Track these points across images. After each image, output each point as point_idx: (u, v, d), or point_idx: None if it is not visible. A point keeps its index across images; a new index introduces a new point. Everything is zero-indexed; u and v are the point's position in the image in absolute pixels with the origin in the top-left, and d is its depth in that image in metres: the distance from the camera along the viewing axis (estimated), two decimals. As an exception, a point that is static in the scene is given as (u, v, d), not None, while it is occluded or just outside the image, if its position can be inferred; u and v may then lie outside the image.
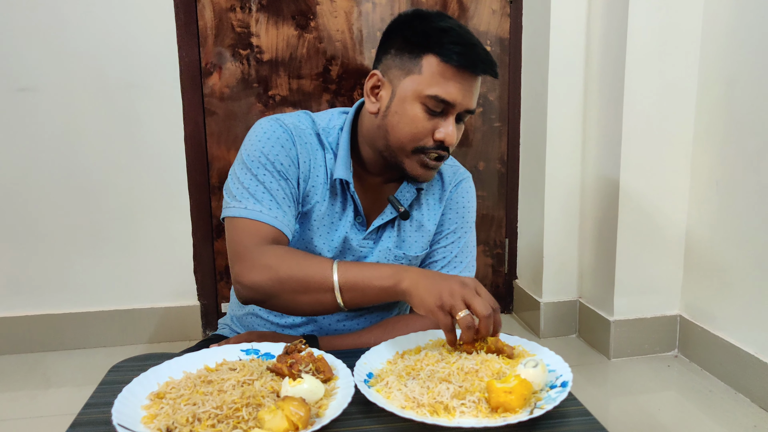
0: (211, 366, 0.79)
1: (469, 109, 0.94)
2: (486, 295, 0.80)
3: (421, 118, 0.92)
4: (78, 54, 2.00)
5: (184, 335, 2.20)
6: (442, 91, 0.90)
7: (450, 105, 0.91)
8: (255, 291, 0.90)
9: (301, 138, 0.99)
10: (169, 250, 2.16)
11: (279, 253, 0.90)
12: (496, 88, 2.31)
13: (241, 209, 0.94)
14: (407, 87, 0.92)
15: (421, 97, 0.91)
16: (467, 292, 0.78)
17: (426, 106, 0.91)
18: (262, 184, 0.94)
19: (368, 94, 0.98)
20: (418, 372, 0.76)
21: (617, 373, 1.93)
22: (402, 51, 0.93)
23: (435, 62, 0.90)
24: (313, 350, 0.79)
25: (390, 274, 0.85)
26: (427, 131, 0.92)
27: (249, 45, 2.12)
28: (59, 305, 2.13)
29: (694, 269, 1.96)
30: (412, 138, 0.93)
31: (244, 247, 0.91)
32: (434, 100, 0.90)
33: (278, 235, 0.93)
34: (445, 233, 1.08)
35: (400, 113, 0.93)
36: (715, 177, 1.84)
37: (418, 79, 0.91)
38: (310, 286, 0.87)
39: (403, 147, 0.94)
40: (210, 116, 2.14)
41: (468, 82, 0.91)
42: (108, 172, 2.08)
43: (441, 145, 0.93)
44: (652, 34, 1.84)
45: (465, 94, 0.91)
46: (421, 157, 0.94)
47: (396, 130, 0.94)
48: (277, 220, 0.94)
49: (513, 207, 2.40)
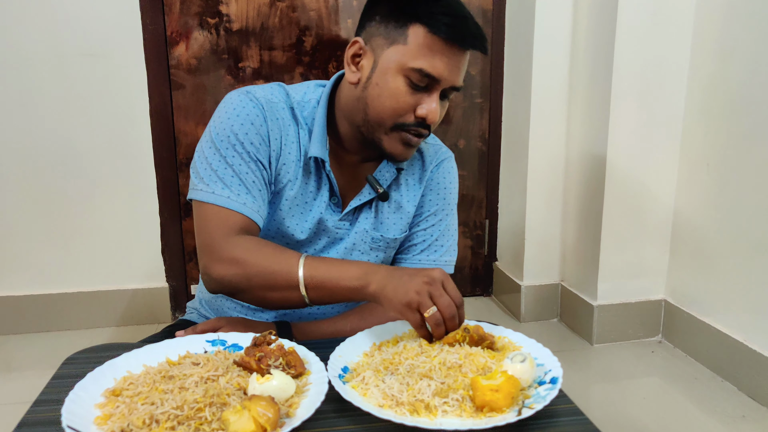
0: (174, 359, 0.75)
1: (456, 86, 0.89)
2: (453, 290, 0.78)
3: (403, 92, 0.87)
4: (31, 20, 1.89)
5: (152, 318, 2.16)
6: (427, 64, 0.85)
7: (435, 80, 0.86)
8: (222, 285, 0.87)
9: (272, 112, 0.93)
10: (135, 229, 2.10)
11: (248, 246, 0.86)
12: (478, 62, 2.25)
13: (209, 194, 0.89)
14: (391, 58, 0.87)
15: (404, 70, 0.86)
16: (434, 289, 0.77)
17: (409, 80, 0.86)
18: (231, 167, 0.89)
19: (348, 63, 0.93)
20: (396, 366, 0.72)
21: (600, 358, 1.92)
22: (388, 18, 0.88)
23: (422, 33, 0.85)
24: (284, 342, 0.75)
25: (358, 275, 0.81)
26: (408, 106, 0.88)
27: (218, 13, 2.02)
28: (20, 287, 2.07)
29: (681, 253, 1.94)
30: (392, 113, 0.88)
31: (212, 238, 0.87)
32: (419, 74, 0.85)
33: (248, 223, 0.89)
34: (426, 215, 1.05)
35: (382, 85, 0.88)
36: (705, 157, 1.81)
37: (402, 50, 0.86)
38: (277, 283, 0.84)
39: (383, 122, 0.89)
40: (177, 89, 2.05)
41: (456, 57, 0.86)
42: (68, 148, 2.00)
43: (422, 123, 0.89)
44: (642, 5, 1.79)
45: (452, 70, 0.86)
46: (400, 134, 0.90)
47: (376, 104, 0.89)
48: (246, 206, 0.89)
49: (494, 187, 2.37)
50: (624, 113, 1.86)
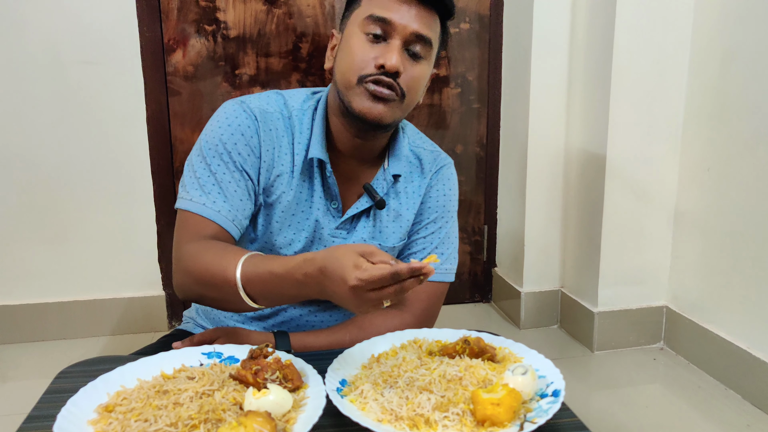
0: (168, 372, 0.73)
1: (418, 33, 0.87)
2: (376, 269, 0.64)
3: (361, 46, 0.87)
4: (28, 28, 1.88)
5: (149, 326, 2.14)
6: (377, 9, 0.86)
7: (388, 24, 0.86)
8: (184, 293, 0.87)
9: (266, 123, 0.93)
10: (132, 237, 2.08)
11: (196, 251, 0.84)
12: (475, 67, 2.24)
13: (186, 201, 0.89)
14: (350, 23, 0.90)
15: (360, 24, 0.88)
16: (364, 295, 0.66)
17: (366, 33, 0.87)
18: (214, 175, 0.89)
19: (328, 56, 0.96)
20: (395, 379, 0.70)
21: (601, 366, 1.90)
22: (349, 1, 0.93)
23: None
24: (281, 355, 0.74)
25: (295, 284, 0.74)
26: (369, 59, 0.87)
27: (215, 20, 2.01)
28: (15, 296, 2.04)
29: (682, 259, 1.93)
30: (354, 68, 0.87)
31: (177, 244, 0.87)
32: (371, 21, 0.86)
33: (219, 231, 0.87)
34: (425, 223, 1.04)
35: (344, 49, 0.90)
36: (706, 161, 1.79)
37: (358, 11, 0.89)
38: (218, 284, 0.80)
39: (348, 82, 0.88)
40: (173, 96, 2.04)
41: (408, 4, 0.86)
42: (64, 155, 1.98)
43: (385, 72, 0.86)
44: (641, 6, 1.78)
45: (404, 13, 0.86)
46: (364, 87, 0.87)
47: (341, 68, 0.90)
48: (220, 214, 0.88)
49: (492, 192, 2.35)
50: (623, 118, 1.84)
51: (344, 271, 0.66)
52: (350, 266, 0.66)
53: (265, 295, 0.78)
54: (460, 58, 2.22)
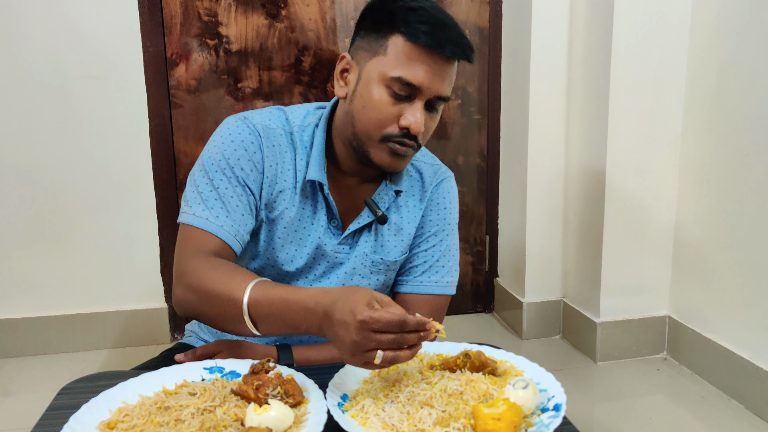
0: (170, 387, 0.73)
1: (441, 96, 0.87)
2: (385, 318, 0.66)
3: (385, 103, 0.86)
4: (34, 44, 1.90)
5: (151, 339, 2.13)
6: (406, 72, 0.84)
7: (416, 88, 0.85)
8: (183, 309, 0.86)
9: (269, 139, 0.93)
10: (134, 250, 2.09)
11: (203, 268, 0.83)
12: (475, 79, 2.25)
13: (189, 215, 0.89)
14: (372, 69, 0.87)
15: (385, 80, 0.86)
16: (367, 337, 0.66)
17: (391, 90, 0.86)
18: (216, 190, 0.89)
19: (337, 78, 0.93)
20: (396, 394, 0.70)
21: (604, 376, 1.89)
22: (369, 32, 0.89)
23: (401, 42, 0.85)
24: (283, 369, 0.73)
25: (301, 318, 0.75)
26: (392, 116, 0.87)
27: (217, 35, 2.02)
28: (18, 309, 2.04)
29: (684, 268, 1.92)
30: (376, 123, 0.87)
31: (180, 259, 0.87)
32: (399, 83, 0.85)
33: (222, 246, 0.88)
34: (426, 236, 1.03)
35: (365, 97, 0.87)
36: (705, 173, 1.79)
37: (383, 61, 0.86)
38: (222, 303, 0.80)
39: (369, 134, 0.88)
40: (176, 109, 2.05)
41: (437, 65, 0.85)
42: (68, 169, 2.00)
43: (407, 134, 0.87)
44: (638, 20, 1.80)
45: (433, 78, 0.85)
46: (387, 145, 0.88)
47: (361, 115, 0.88)
48: (223, 229, 0.88)
49: (494, 203, 2.36)
50: (622, 130, 1.85)
51: (356, 305, 0.67)
52: (363, 303, 0.67)
53: (268, 321, 0.78)
54: (461, 71, 2.23)
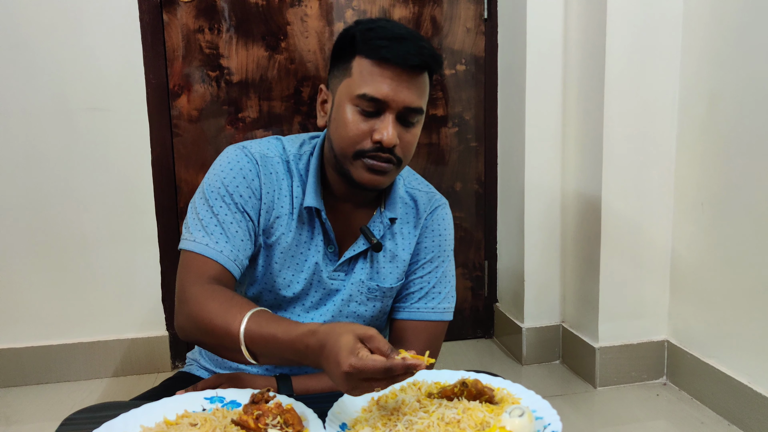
0: (171, 418, 0.74)
1: (411, 107, 0.89)
2: (369, 362, 0.65)
3: (356, 120, 0.89)
4: (39, 76, 1.94)
5: (152, 367, 2.13)
6: (370, 88, 0.87)
7: (382, 102, 0.88)
8: (184, 335, 0.88)
9: (266, 167, 0.96)
10: (136, 277, 2.10)
11: (204, 296, 0.85)
12: (472, 107, 2.29)
13: (189, 242, 0.91)
14: (342, 92, 0.91)
15: (352, 99, 0.89)
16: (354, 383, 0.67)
17: (359, 108, 0.89)
18: (216, 216, 0.92)
19: (318, 109, 0.98)
20: (395, 423, 0.71)
21: (603, 402, 1.88)
22: (338, 60, 0.93)
23: (363, 62, 0.88)
24: (283, 399, 0.74)
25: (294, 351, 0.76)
26: (363, 134, 0.89)
27: (218, 66, 2.07)
28: (19, 338, 2.04)
29: (681, 292, 1.92)
30: (349, 142, 0.90)
31: (182, 286, 0.88)
32: (364, 99, 0.88)
33: (221, 272, 0.90)
34: (422, 263, 1.05)
35: (338, 119, 0.91)
36: (700, 197, 1.81)
37: (349, 82, 0.90)
38: (221, 336, 0.82)
39: (345, 153, 0.91)
40: (178, 138, 2.09)
41: (400, 77, 0.87)
42: (71, 198, 2.01)
43: (381, 147, 0.89)
44: (631, 48, 1.83)
45: (397, 89, 0.87)
46: (363, 162, 0.90)
47: (336, 137, 0.92)
48: (222, 255, 0.90)
49: (492, 228, 2.37)
50: (617, 155, 1.87)
51: (339, 355, 0.67)
52: (346, 351, 0.67)
53: (266, 356, 0.80)
54: (457, 99, 2.27)
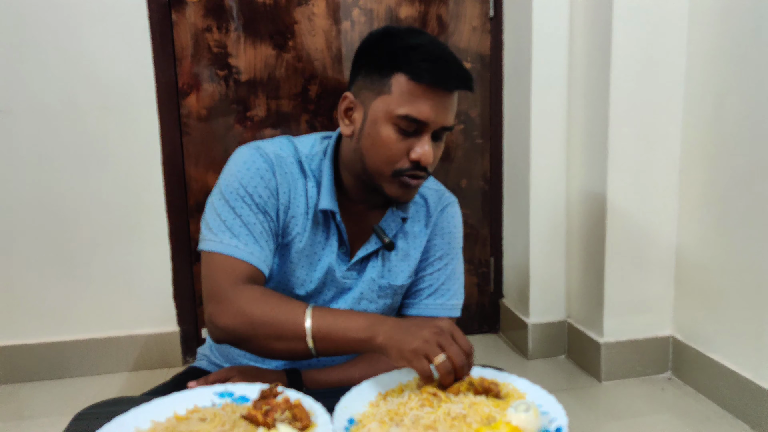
0: (181, 413, 0.75)
1: (446, 126, 0.91)
2: (462, 339, 0.77)
3: (394, 140, 0.89)
4: (49, 77, 1.96)
5: (163, 362, 2.16)
6: (413, 110, 0.87)
7: (423, 123, 0.88)
8: (228, 334, 0.88)
9: (281, 167, 0.96)
10: (147, 275, 2.12)
11: (254, 295, 0.87)
12: (478, 105, 2.29)
13: (216, 243, 0.91)
14: (378, 108, 0.90)
15: (392, 118, 0.88)
16: (443, 339, 0.76)
17: (398, 127, 0.88)
18: (240, 218, 0.92)
19: (342, 117, 0.96)
20: (401, 417, 0.72)
21: (608, 396, 1.89)
22: (371, 71, 0.91)
23: (404, 81, 0.87)
24: (291, 394, 0.75)
25: (365, 326, 0.81)
26: (401, 153, 0.90)
27: (226, 65, 2.08)
28: (32, 335, 2.07)
29: (686, 288, 1.93)
30: (387, 161, 0.90)
31: (219, 287, 0.88)
32: (406, 120, 0.88)
33: (254, 272, 0.90)
34: (432, 260, 1.06)
35: (373, 136, 0.90)
36: (705, 195, 1.81)
37: (388, 100, 0.88)
38: (284, 334, 0.84)
39: (381, 171, 0.91)
40: (187, 137, 2.10)
41: (441, 99, 0.88)
42: (83, 196, 2.04)
43: (418, 165, 0.90)
44: (637, 47, 1.83)
45: (438, 112, 0.88)
46: (400, 179, 0.92)
47: (370, 154, 0.91)
48: (254, 256, 0.91)
49: (498, 225, 2.38)
50: (622, 153, 1.87)
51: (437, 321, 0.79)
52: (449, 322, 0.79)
53: (329, 350, 0.84)
54: (463, 96, 2.27)
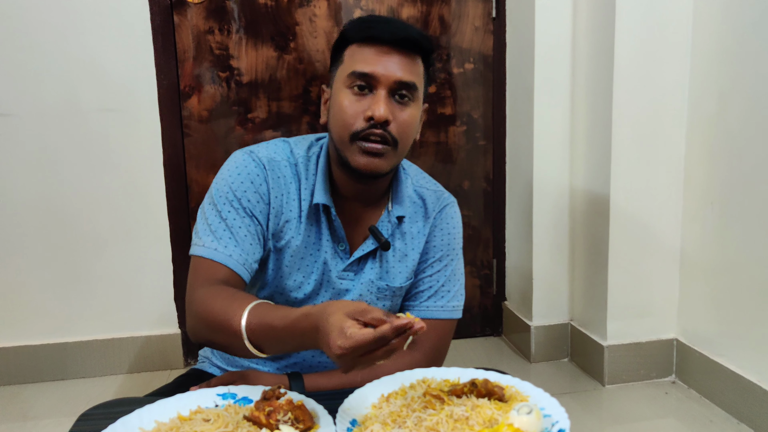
0: (185, 414, 0.75)
1: (402, 81, 0.90)
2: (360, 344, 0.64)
3: (350, 102, 0.91)
4: (52, 79, 1.96)
5: (165, 364, 2.16)
6: (359, 65, 0.90)
7: (371, 77, 0.90)
8: (193, 335, 0.89)
9: (274, 172, 0.97)
10: (148, 276, 2.12)
11: (210, 295, 0.86)
12: (480, 105, 2.29)
13: (199, 247, 0.93)
14: (336, 80, 0.95)
15: (344, 81, 0.92)
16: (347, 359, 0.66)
17: (352, 90, 0.91)
18: (224, 221, 0.93)
19: (322, 110, 1.02)
20: (404, 419, 0.72)
21: (612, 400, 1.88)
22: (333, 58, 0.97)
23: (353, 47, 0.93)
24: (294, 395, 0.75)
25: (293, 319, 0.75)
26: (357, 113, 0.91)
27: (228, 67, 2.09)
28: (35, 336, 2.07)
29: (690, 291, 1.92)
30: (344, 125, 0.91)
31: (190, 289, 0.90)
32: (354, 77, 0.90)
33: (230, 275, 0.91)
34: (431, 261, 1.06)
35: (334, 106, 0.94)
36: (709, 196, 1.80)
37: (342, 68, 0.94)
38: (227, 330, 0.81)
39: (342, 138, 0.92)
40: (189, 139, 2.11)
41: (389, 53, 0.90)
42: (84, 198, 2.04)
43: (374, 124, 0.90)
44: (640, 47, 1.83)
45: (386, 64, 0.89)
46: (358, 145, 0.91)
47: (333, 123, 0.94)
48: (231, 258, 0.91)
49: (500, 226, 2.38)
50: (625, 154, 1.86)
51: (329, 338, 0.66)
52: (336, 332, 0.65)
53: (269, 346, 0.80)
54: (465, 97, 2.27)
